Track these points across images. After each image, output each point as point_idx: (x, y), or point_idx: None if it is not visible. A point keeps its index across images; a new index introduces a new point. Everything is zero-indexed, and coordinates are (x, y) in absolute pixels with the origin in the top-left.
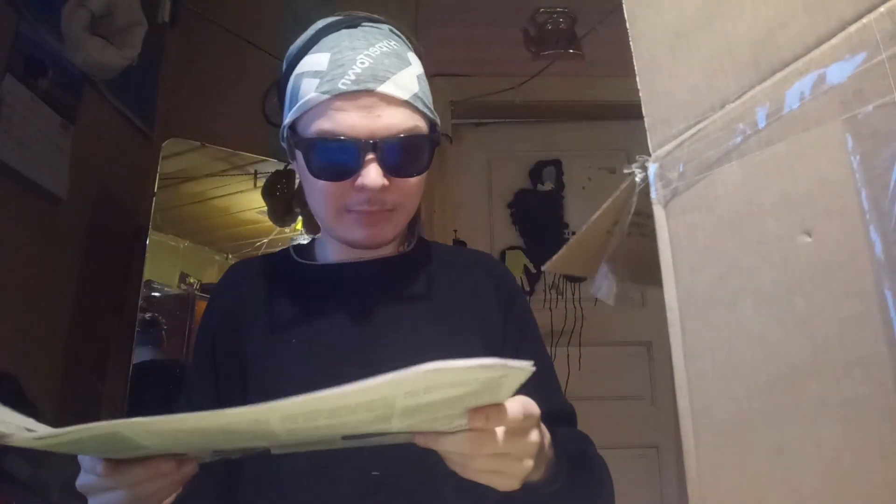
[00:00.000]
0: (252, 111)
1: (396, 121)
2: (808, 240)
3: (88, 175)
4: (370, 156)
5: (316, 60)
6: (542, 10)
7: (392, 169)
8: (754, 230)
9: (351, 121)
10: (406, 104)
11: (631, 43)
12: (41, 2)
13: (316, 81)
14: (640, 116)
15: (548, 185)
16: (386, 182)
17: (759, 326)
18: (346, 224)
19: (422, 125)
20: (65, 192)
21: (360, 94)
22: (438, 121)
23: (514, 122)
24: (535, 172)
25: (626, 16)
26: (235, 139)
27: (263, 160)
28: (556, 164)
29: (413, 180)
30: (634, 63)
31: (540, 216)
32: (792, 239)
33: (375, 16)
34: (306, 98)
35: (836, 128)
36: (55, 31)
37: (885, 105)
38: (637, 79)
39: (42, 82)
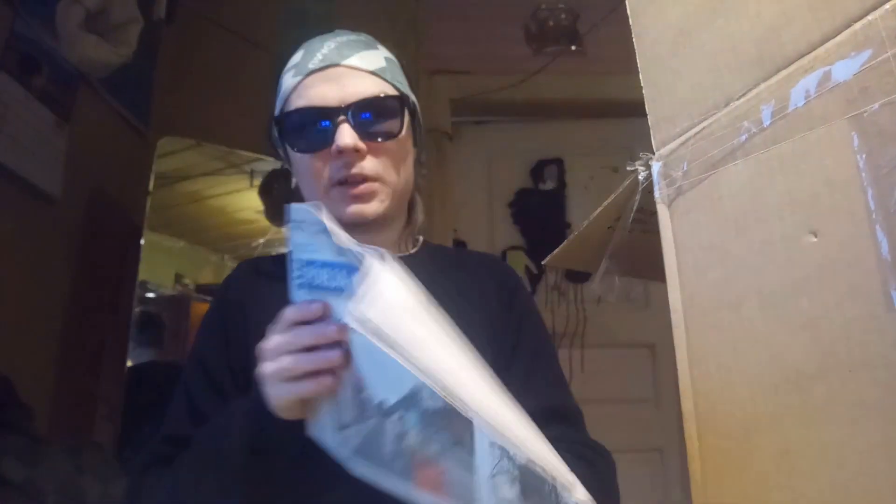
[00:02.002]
0: (248, 109)
1: (364, 87)
2: (814, 240)
3: (83, 174)
4: (341, 118)
5: (293, 58)
6: (543, 6)
7: (364, 130)
8: (759, 230)
9: (321, 92)
10: (373, 74)
11: (634, 40)
12: None
13: (292, 72)
14: (643, 114)
15: (549, 184)
16: (360, 144)
17: (765, 328)
18: (334, 201)
19: (392, 93)
20: (59, 191)
21: (328, 68)
22: (413, 98)
23: (515, 121)
24: (537, 171)
25: (629, 13)
26: (231, 137)
27: (260, 159)
28: (558, 162)
29: (390, 146)
30: (637, 60)
31: (541, 216)
32: (798, 239)
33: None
34: (284, 87)
35: (841, 126)
36: (50, 29)
37: (891, 103)
38: (640, 76)
39: (36, 80)
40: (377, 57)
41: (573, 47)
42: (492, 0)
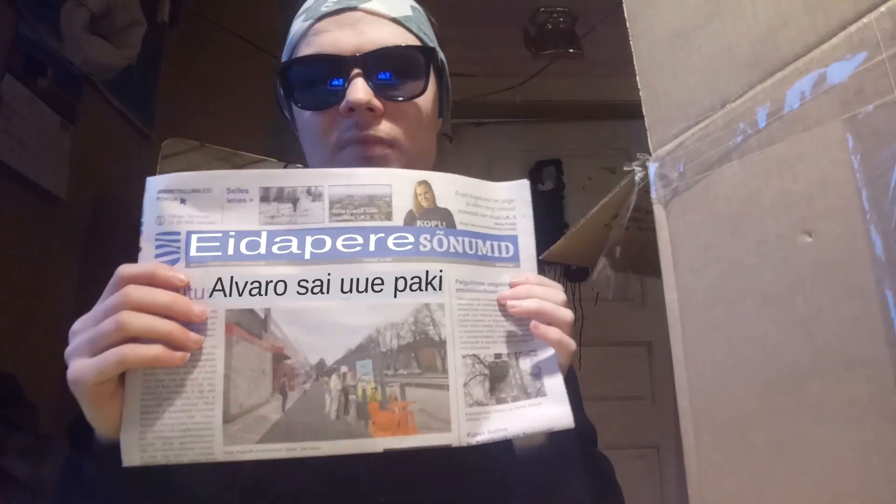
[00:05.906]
0: (252, 110)
1: (384, 36)
2: (809, 240)
3: (88, 174)
4: (355, 70)
5: (307, 1)
6: (542, 9)
7: (381, 85)
8: (755, 230)
9: (332, 38)
10: (396, 22)
11: (631, 42)
12: (41, 1)
13: (303, 16)
14: (640, 116)
15: (548, 185)
16: (375, 101)
17: (760, 326)
18: (342, 165)
19: (418, 45)
20: (64, 191)
21: (343, 11)
22: (442, 55)
23: (514, 122)
24: (535, 172)
25: (626, 15)
26: (235, 139)
27: (263, 160)
28: (556, 163)
29: (410, 109)
30: (635, 62)
31: (540, 216)
32: (792, 239)
33: None
34: (292, 33)
35: (836, 127)
36: (55, 31)
37: (885, 105)
38: (637, 78)
39: (41, 82)
40: (402, 3)
41: (571, 50)
42: (491, 3)
